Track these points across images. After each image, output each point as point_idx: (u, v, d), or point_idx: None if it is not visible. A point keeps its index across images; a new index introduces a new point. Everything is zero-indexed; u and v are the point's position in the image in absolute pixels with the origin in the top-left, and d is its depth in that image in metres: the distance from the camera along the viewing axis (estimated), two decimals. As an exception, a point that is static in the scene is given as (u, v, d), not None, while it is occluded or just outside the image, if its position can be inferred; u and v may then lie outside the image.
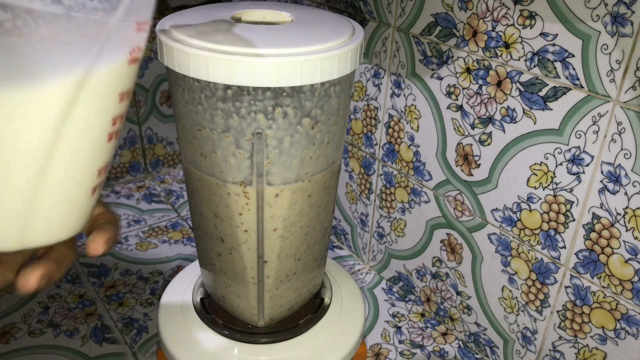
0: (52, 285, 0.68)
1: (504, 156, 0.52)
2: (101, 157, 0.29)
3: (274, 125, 0.39)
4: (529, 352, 0.56)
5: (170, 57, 0.38)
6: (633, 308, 0.45)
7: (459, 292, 0.62)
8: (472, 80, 0.52)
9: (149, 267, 0.72)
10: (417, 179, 0.62)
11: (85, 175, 0.29)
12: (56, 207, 0.29)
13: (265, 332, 0.51)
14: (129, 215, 0.82)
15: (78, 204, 0.30)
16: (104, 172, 0.30)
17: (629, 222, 0.44)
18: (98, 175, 0.30)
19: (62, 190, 0.28)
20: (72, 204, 0.29)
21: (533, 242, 0.51)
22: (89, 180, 0.29)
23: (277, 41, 0.38)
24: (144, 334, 0.62)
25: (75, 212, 0.30)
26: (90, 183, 0.30)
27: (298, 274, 0.49)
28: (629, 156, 0.42)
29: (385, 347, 0.62)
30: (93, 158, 0.29)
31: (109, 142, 0.29)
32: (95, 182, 0.30)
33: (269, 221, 0.44)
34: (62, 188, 0.28)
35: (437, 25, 0.54)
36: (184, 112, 0.42)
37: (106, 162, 0.30)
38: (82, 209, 0.30)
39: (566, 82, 0.45)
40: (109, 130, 0.29)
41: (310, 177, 0.44)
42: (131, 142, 0.87)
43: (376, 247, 0.72)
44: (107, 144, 0.29)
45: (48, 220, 0.29)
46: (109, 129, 0.29)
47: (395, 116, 0.62)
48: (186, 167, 0.46)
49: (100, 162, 0.29)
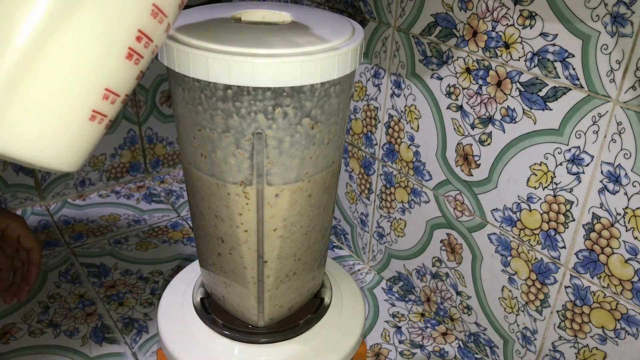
0: (52, 285, 0.68)
1: (503, 156, 0.52)
2: (112, 75, 0.25)
3: (274, 125, 0.39)
4: (529, 352, 0.56)
5: (170, 57, 0.38)
6: (633, 308, 0.45)
7: (459, 292, 0.62)
8: (472, 80, 0.52)
9: (149, 267, 0.72)
10: (417, 179, 0.62)
11: (85, 85, 0.24)
12: (36, 108, 0.23)
13: (265, 332, 0.51)
14: (129, 215, 0.82)
15: (66, 121, 0.24)
16: (113, 100, 0.25)
17: (629, 222, 0.44)
18: (103, 98, 0.25)
19: (49, 88, 0.23)
20: (58, 115, 0.24)
21: (533, 242, 0.51)
22: (89, 96, 0.24)
23: (277, 41, 0.38)
24: (144, 334, 0.62)
25: (60, 132, 0.24)
26: (90, 101, 0.25)
27: (298, 274, 0.49)
28: (628, 156, 0.42)
29: (385, 347, 0.62)
30: (101, 69, 0.24)
31: (127, 62, 0.25)
32: (98, 104, 0.25)
33: (269, 221, 0.44)
34: (50, 85, 0.23)
35: (437, 26, 0.54)
36: (184, 112, 0.42)
37: (117, 87, 0.25)
38: (70, 132, 0.25)
39: (566, 82, 0.45)
40: (131, 44, 0.24)
41: (310, 177, 0.44)
42: (131, 142, 0.87)
43: (376, 247, 0.72)
44: (124, 62, 0.25)
45: (22, 122, 0.23)
46: (130, 42, 0.24)
47: (395, 116, 0.62)
48: (186, 167, 0.46)
49: (110, 80, 0.25)
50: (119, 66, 0.25)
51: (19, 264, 0.60)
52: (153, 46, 0.26)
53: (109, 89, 0.25)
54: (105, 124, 0.26)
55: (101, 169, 0.86)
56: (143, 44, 0.25)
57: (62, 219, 0.80)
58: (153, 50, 0.27)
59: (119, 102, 0.26)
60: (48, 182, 0.82)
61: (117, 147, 0.86)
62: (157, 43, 0.27)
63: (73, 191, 0.85)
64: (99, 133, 0.26)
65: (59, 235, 0.77)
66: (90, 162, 0.84)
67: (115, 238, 0.77)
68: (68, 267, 0.71)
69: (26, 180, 0.80)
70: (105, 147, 0.85)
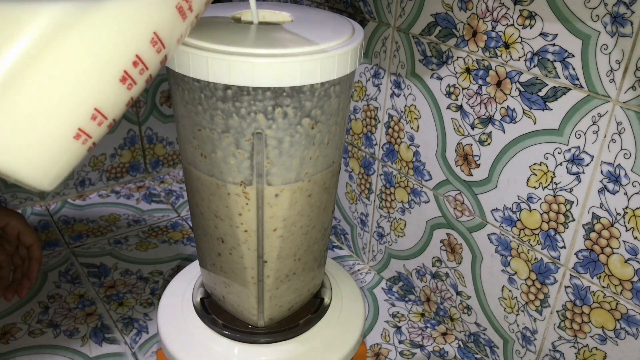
0: (52, 285, 0.68)
1: (503, 156, 0.52)
2: (104, 96, 0.24)
3: (274, 125, 0.39)
4: (528, 352, 0.56)
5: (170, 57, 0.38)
6: (633, 308, 0.45)
7: (459, 292, 0.62)
8: (472, 80, 0.52)
9: (149, 267, 0.72)
10: (417, 179, 0.62)
11: (75, 100, 0.24)
12: (20, 120, 0.23)
13: (265, 332, 0.51)
14: (129, 215, 0.82)
15: (51, 134, 0.24)
16: (100, 122, 0.25)
17: (629, 222, 0.44)
18: (91, 118, 0.25)
19: (40, 96, 0.23)
20: (44, 125, 0.24)
21: (533, 242, 0.51)
22: (78, 112, 0.24)
23: (277, 41, 0.38)
24: (144, 334, 0.62)
25: (44, 144, 0.24)
26: (78, 118, 0.24)
27: (298, 274, 0.49)
28: (628, 156, 0.42)
29: (385, 347, 0.62)
30: (94, 87, 0.24)
31: (121, 85, 0.25)
32: (85, 123, 0.24)
33: (269, 221, 0.44)
34: (42, 93, 0.23)
35: (437, 26, 0.54)
36: (183, 112, 0.42)
37: (107, 109, 0.25)
38: (53, 146, 0.24)
39: (566, 82, 0.45)
40: (127, 67, 0.25)
41: (310, 177, 0.44)
42: (131, 142, 0.87)
43: (376, 247, 0.72)
44: (117, 85, 0.25)
45: (6, 129, 0.23)
46: (126, 66, 0.25)
47: (395, 116, 0.62)
48: (186, 167, 0.46)
49: (101, 101, 0.24)
50: (112, 88, 0.25)
51: (19, 261, 0.60)
52: (147, 75, 0.26)
53: (99, 109, 0.25)
54: (89, 146, 0.26)
55: (101, 169, 0.86)
56: (139, 70, 0.25)
57: (62, 219, 0.80)
58: (147, 79, 0.27)
59: (105, 125, 0.26)
60: (48, 182, 0.82)
61: (117, 147, 0.86)
62: (151, 72, 0.27)
63: (73, 191, 0.85)
64: (80, 154, 0.26)
65: (59, 235, 0.77)
66: (90, 162, 0.84)
67: (115, 238, 0.77)
68: (68, 267, 0.71)
69: (26, 180, 0.80)
70: (105, 147, 0.85)
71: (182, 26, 0.27)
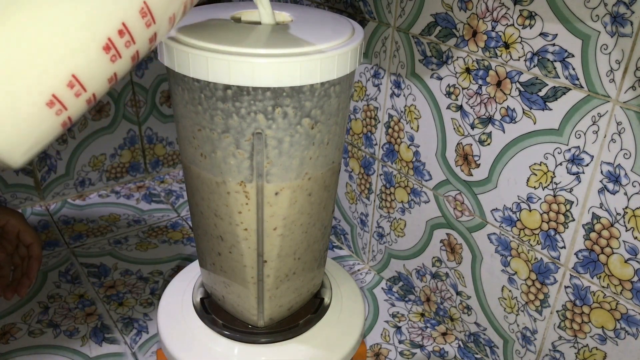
0: (52, 285, 0.68)
1: (503, 156, 0.52)
2: (84, 62, 0.22)
3: (274, 125, 0.39)
4: (528, 352, 0.56)
5: (170, 57, 0.38)
6: (633, 308, 0.45)
7: (459, 292, 0.62)
8: (472, 80, 0.52)
9: (149, 267, 0.72)
10: (417, 179, 0.62)
11: (52, 60, 0.21)
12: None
13: (265, 332, 0.51)
14: (129, 215, 0.82)
15: (19, 100, 0.21)
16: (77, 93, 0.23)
17: (629, 222, 0.44)
18: (68, 85, 0.22)
19: (4, 56, 0.21)
20: (11, 91, 0.21)
21: (533, 242, 0.51)
22: (54, 75, 0.22)
23: (277, 41, 0.38)
24: (144, 334, 0.62)
25: (11, 111, 0.21)
26: (52, 83, 0.22)
27: (298, 274, 0.49)
28: (628, 156, 0.42)
29: (385, 347, 0.62)
30: (74, 49, 0.22)
31: (103, 54, 0.22)
32: (60, 89, 0.22)
33: (269, 220, 0.44)
34: (6, 54, 0.21)
35: (437, 26, 0.54)
36: (183, 112, 0.42)
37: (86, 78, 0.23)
38: (23, 114, 0.22)
39: (566, 82, 0.45)
40: (111, 34, 0.22)
41: (311, 176, 0.44)
42: (131, 142, 0.87)
43: (376, 247, 0.72)
44: (99, 53, 0.22)
45: None
46: (111, 32, 0.22)
47: (395, 116, 0.62)
48: (186, 166, 0.46)
49: (80, 67, 0.22)
50: (94, 55, 0.23)
51: (19, 260, 0.60)
52: (133, 50, 0.25)
53: (77, 77, 0.22)
54: (63, 119, 0.23)
55: (101, 169, 0.86)
56: (124, 41, 0.24)
57: (62, 219, 0.80)
58: (133, 55, 0.25)
59: (83, 99, 0.23)
60: (48, 182, 0.82)
61: (117, 147, 0.86)
62: (138, 48, 0.25)
63: (73, 191, 0.85)
64: (53, 127, 0.23)
65: (59, 235, 0.77)
66: (90, 162, 0.84)
67: (115, 238, 0.77)
68: (68, 267, 0.71)
69: (26, 180, 0.80)
70: (105, 147, 0.85)
71: (176, 4, 0.25)
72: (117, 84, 0.82)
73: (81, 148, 0.83)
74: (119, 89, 0.82)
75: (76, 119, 0.24)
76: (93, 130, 0.82)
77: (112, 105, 0.82)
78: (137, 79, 0.83)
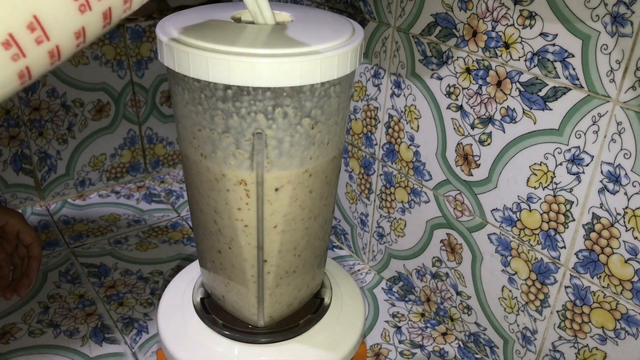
0: (52, 285, 0.68)
1: (503, 156, 0.52)
2: (46, 4, 0.19)
3: (274, 125, 0.39)
4: (528, 352, 0.56)
5: (170, 57, 0.38)
6: (633, 308, 0.45)
7: (459, 292, 0.62)
8: (472, 80, 0.52)
9: (149, 267, 0.72)
10: (417, 179, 0.62)
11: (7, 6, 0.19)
12: None
13: (265, 332, 0.51)
14: (129, 215, 0.82)
15: None
16: (38, 39, 0.20)
17: (629, 222, 0.44)
18: (27, 27, 0.19)
19: None
20: None
21: (533, 242, 0.51)
22: (9, 13, 0.19)
23: (277, 41, 0.38)
24: (144, 334, 0.62)
25: None
26: (9, 20, 0.19)
27: (298, 272, 0.49)
28: (628, 156, 0.42)
29: (385, 347, 0.62)
30: None
31: (72, 1, 0.20)
32: (18, 29, 0.19)
33: (269, 219, 0.44)
34: None
35: (437, 26, 0.54)
36: (183, 112, 0.42)
37: (49, 24, 0.20)
38: None
39: (566, 82, 0.45)
40: None
41: (311, 172, 0.44)
42: (131, 142, 0.87)
43: (376, 247, 0.72)
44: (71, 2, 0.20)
45: None
46: None
47: (395, 116, 0.62)
48: (185, 164, 0.46)
49: (43, 8, 0.19)
50: (63, 5, 0.20)
51: (19, 260, 0.60)
52: (105, 5, 0.22)
53: (39, 19, 0.20)
54: (20, 68, 0.20)
55: (101, 169, 0.86)
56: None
57: (62, 219, 0.80)
58: (104, 12, 0.22)
59: (44, 48, 0.20)
60: (48, 182, 0.82)
61: (117, 147, 0.86)
62: (111, 4, 0.22)
63: (73, 191, 0.85)
64: (7, 75, 0.20)
65: (59, 235, 0.77)
66: (90, 162, 0.84)
67: (115, 238, 0.77)
68: (68, 267, 0.71)
69: (26, 180, 0.80)
70: (105, 147, 0.85)
71: None
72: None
73: (81, 148, 0.83)
74: (119, 89, 0.82)
75: (36, 76, 0.21)
76: (93, 130, 0.82)
77: (112, 105, 0.82)
78: (137, 79, 0.83)
